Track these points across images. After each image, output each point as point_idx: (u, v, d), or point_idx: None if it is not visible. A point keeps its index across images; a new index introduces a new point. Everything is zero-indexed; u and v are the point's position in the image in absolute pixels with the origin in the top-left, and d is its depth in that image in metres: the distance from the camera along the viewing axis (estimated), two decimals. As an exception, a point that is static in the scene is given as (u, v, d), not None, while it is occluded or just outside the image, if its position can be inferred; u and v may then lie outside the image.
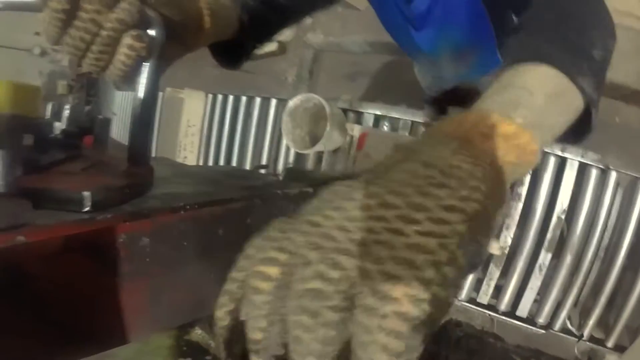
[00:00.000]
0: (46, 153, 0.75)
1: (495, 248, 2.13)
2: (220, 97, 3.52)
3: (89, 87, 6.47)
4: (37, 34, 6.90)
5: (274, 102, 3.12)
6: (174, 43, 0.81)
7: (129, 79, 0.68)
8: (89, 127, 0.84)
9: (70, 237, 0.61)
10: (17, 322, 0.58)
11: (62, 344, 0.65)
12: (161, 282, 0.76)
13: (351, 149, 2.54)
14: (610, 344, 2.07)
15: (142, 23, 0.67)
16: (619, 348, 2.05)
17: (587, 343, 2.11)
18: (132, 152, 0.75)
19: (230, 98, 3.44)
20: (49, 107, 0.84)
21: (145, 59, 0.69)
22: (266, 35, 1.26)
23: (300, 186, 1.02)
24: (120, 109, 4.48)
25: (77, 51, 0.64)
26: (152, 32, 0.69)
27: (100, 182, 0.68)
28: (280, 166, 2.89)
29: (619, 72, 2.57)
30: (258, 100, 3.26)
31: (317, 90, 3.75)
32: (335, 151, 2.64)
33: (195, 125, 3.63)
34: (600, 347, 2.09)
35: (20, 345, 0.59)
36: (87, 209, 0.64)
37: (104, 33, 0.62)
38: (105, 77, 0.68)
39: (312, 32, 3.58)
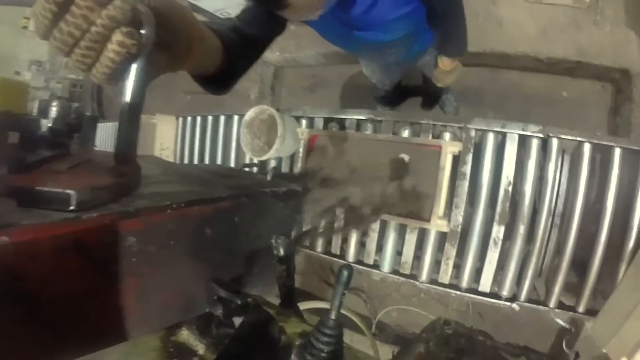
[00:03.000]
0: (32, 151, 0.74)
1: (442, 225, 2.18)
2: (189, 119, 3.73)
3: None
4: (17, 73, 6.97)
5: (236, 118, 3.31)
6: (163, 53, 0.81)
7: (115, 79, 0.67)
8: (75, 125, 0.84)
9: (56, 237, 0.60)
10: (2, 323, 0.58)
11: (49, 345, 0.65)
12: (149, 282, 0.75)
13: (304, 150, 2.71)
14: (581, 309, 2.09)
15: (134, 22, 0.66)
16: (591, 312, 2.07)
17: (557, 311, 2.13)
18: (119, 151, 0.75)
19: (198, 119, 3.66)
20: (36, 104, 0.83)
21: (135, 58, 0.68)
22: (246, 67, 1.54)
23: (286, 184, 1.02)
24: (100, 141, 4.59)
25: (64, 46, 0.63)
26: (143, 31, 0.68)
27: (86, 181, 0.68)
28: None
29: (557, 47, 2.63)
30: (222, 118, 3.46)
31: (280, 105, 3.84)
32: (292, 156, 2.78)
33: (169, 147, 3.82)
34: (574, 314, 2.11)
35: (5, 346, 0.58)
36: (72, 208, 0.64)
37: (93, 29, 0.62)
38: (90, 77, 0.67)
39: (269, 50, 3.66)
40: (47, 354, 0.64)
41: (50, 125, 0.79)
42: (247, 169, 1.76)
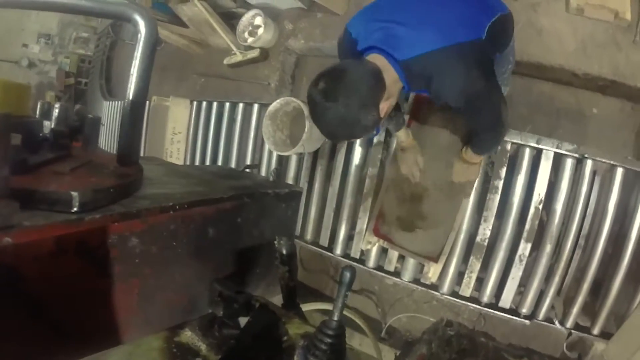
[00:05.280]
0: (35, 153, 0.74)
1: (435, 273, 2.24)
2: (204, 104, 3.60)
3: (76, 98, 6.36)
4: (25, 45, 6.90)
5: (256, 106, 3.18)
6: None
7: None
8: (78, 127, 0.84)
9: (59, 238, 0.61)
10: (6, 324, 0.58)
11: (52, 345, 0.65)
12: (151, 283, 0.75)
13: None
14: (596, 331, 2.07)
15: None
16: (605, 335, 2.06)
17: (573, 332, 2.12)
18: (121, 152, 0.75)
19: (214, 104, 3.52)
20: (39, 106, 0.83)
21: None
22: None
23: (288, 184, 1.02)
24: (107, 120, 4.53)
25: None
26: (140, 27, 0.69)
27: (89, 183, 0.68)
28: (264, 168, 2.93)
29: (593, 64, 2.59)
30: (241, 105, 3.32)
31: (300, 95, 3.75)
32: (315, 152, 2.66)
33: (181, 132, 3.69)
34: (587, 336, 2.11)
35: (9, 347, 0.58)
36: (75, 209, 0.64)
37: None
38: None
39: (293, 38, 3.62)
40: (51, 355, 0.65)
41: (52, 127, 0.79)
42: (247, 170, 1.76)
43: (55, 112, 0.79)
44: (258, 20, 3.56)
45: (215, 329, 0.81)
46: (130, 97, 0.72)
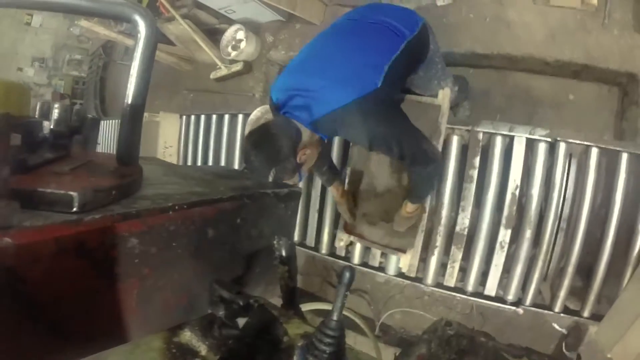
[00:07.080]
0: (35, 153, 0.74)
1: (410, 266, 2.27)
2: (193, 117, 3.76)
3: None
4: (20, 69, 6.97)
5: (240, 117, 3.33)
6: None
7: None
8: (77, 127, 0.84)
9: (59, 238, 0.60)
10: (5, 325, 0.58)
11: (51, 346, 0.65)
12: (151, 284, 0.75)
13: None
14: (586, 313, 2.07)
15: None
16: (597, 317, 2.06)
17: (562, 315, 2.12)
18: (121, 152, 0.75)
19: (202, 117, 3.68)
20: (38, 107, 0.83)
21: None
22: None
23: (287, 185, 1.02)
24: (103, 139, 4.61)
25: None
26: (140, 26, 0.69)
27: (88, 183, 0.68)
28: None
29: (564, 50, 2.60)
30: (227, 117, 3.49)
31: None
32: None
33: (172, 145, 3.85)
34: (582, 323, 2.11)
35: (8, 347, 0.58)
36: (75, 209, 0.64)
37: None
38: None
39: (274, 49, 3.72)
40: (50, 355, 0.64)
41: (52, 127, 0.79)
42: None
43: (55, 112, 0.78)
44: (240, 35, 3.78)
45: (214, 329, 0.80)
46: (130, 97, 0.71)
